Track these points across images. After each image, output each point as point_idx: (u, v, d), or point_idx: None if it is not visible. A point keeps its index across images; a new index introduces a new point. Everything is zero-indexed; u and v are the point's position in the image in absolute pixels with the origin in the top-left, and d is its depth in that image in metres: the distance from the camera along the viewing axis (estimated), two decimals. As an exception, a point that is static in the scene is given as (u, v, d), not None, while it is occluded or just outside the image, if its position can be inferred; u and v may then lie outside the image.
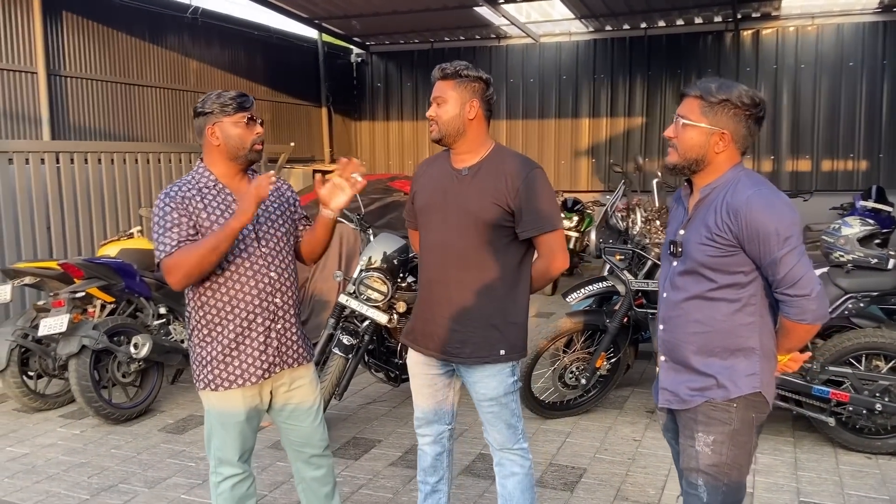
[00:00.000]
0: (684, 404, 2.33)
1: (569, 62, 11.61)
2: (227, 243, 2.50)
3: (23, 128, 7.21)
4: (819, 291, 2.15)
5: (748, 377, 2.24)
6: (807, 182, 10.58)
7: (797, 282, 2.13)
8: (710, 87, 2.19)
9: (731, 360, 2.25)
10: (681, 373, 2.34)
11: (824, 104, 10.52)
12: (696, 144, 2.22)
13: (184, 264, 2.50)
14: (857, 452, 4.17)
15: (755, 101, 2.19)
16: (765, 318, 2.26)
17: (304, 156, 11.46)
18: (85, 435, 4.67)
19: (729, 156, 2.24)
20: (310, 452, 2.91)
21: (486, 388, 2.76)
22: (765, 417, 2.32)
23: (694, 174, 2.29)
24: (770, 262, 2.14)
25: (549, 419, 4.78)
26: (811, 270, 2.15)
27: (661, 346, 2.41)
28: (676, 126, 2.27)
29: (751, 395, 2.24)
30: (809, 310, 2.15)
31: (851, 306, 4.10)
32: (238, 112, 2.61)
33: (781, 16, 10.55)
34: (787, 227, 2.11)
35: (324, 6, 10.22)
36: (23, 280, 5.04)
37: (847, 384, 4.10)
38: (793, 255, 2.12)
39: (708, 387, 2.27)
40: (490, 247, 2.68)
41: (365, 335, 4.43)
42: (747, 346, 2.24)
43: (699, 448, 2.28)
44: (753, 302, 2.23)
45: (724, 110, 2.18)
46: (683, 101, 2.27)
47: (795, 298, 2.15)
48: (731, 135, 2.21)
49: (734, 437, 2.26)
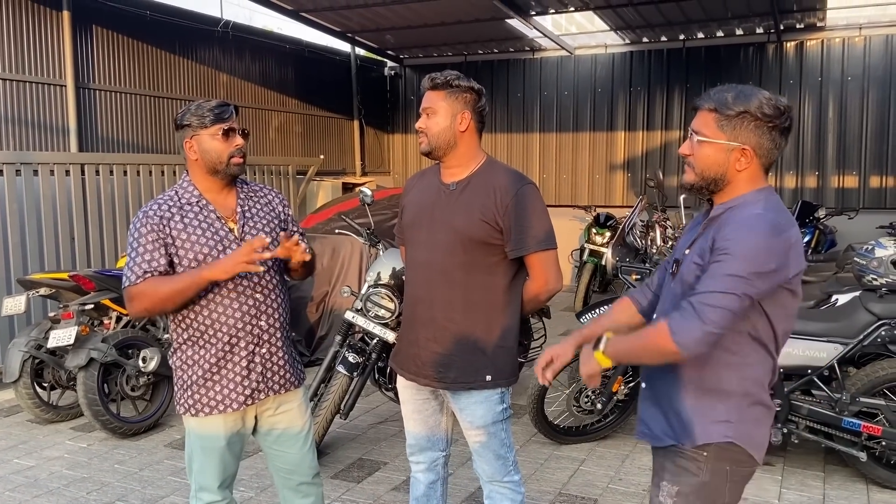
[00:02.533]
0: (656, 441, 2.09)
1: (604, 75, 11.39)
2: (195, 290, 2.43)
3: (51, 139, 7.32)
4: (709, 336, 1.83)
5: (718, 423, 1.97)
6: (853, 199, 10.15)
7: (707, 305, 1.83)
8: (725, 97, 1.93)
9: (704, 401, 1.99)
10: (656, 406, 2.10)
11: (872, 118, 10.10)
12: (715, 162, 1.96)
13: (147, 298, 2.43)
14: (891, 490, 3.88)
15: (779, 110, 1.92)
16: (751, 359, 1.96)
17: (336, 168, 11.46)
18: (91, 449, 4.64)
19: (752, 173, 1.96)
20: (298, 480, 2.78)
21: (472, 415, 2.61)
22: (746, 473, 2.03)
23: (713, 194, 2.02)
24: (707, 272, 1.87)
25: (563, 445, 4.59)
26: (729, 311, 1.82)
27: (643, 372, 2.20)
28: (691, 142, 2.01)
29: (725, 445, 1.97)
30: (689, 334, 1.83)
31: (885, 333, 3.82)
32: (215, 124, 2.50)
33: (827, 27, 10.17)
34: (748, 251, 1.82)
35: (357, 20, 10.23)
36: (38, 291, 5.05)
37: (880, 417, 3.82)
38: (728, 281, 1.82)
39: (676, 427, 2.02)
40: (477, 265, 2.54)
41: (373, 353, 4.30)
42: (722, 389, 1.97)
43: (662, 499, 2.04)
44: (736, 340, 1.93)
45: (743, 123, 1.92)
46: (697, 115, 2.01)
47: (689, 313, 1.84)
48: (754, 149, 1.93)
49: (701, 491, 1.99)
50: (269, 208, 2.70)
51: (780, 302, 1.92)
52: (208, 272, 2.40)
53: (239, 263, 2.37)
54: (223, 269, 2.39)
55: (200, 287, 2.44)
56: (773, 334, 1.95)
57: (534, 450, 4.53)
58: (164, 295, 2.41)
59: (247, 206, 2.63)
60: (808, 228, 8.27)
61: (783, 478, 4.08)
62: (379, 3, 9.14)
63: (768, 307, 1.91)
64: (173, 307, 2.47)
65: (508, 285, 2.58)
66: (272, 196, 2.75)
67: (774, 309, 1.92)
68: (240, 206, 2.61)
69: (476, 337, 2.55)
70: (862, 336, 3.86)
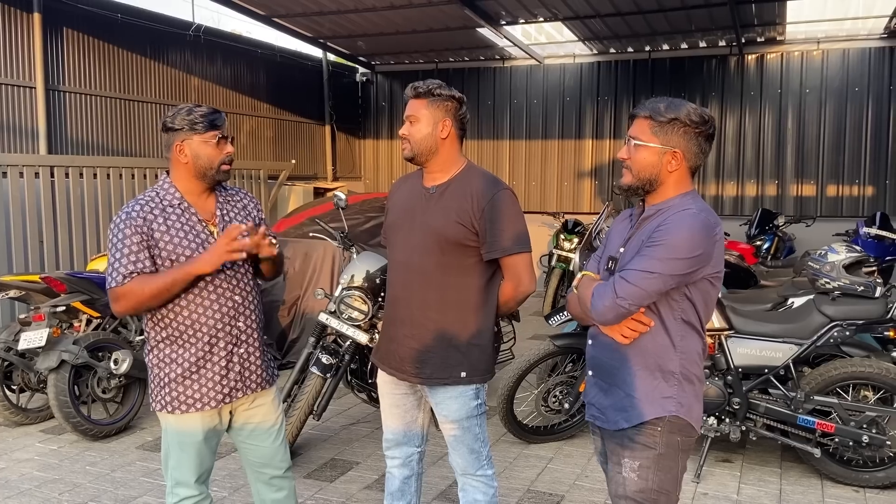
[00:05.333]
0: (610, 424, 2.31)
1: (572, 84, 11.59)
2: (181, 286, 2.49)
3: (20, 142, 7.25)
4: (618, 308, 2.12)
5: (665, 399, 2.22)
6: (811, 207, 10.46)
7: (625, 280, 2.11)
8: (658, 106, 2.19)
9: (650, 382, 2.23)
10: (606, 392, 2.32)
11: (829, 129, 10.42)
12: (649, 164, 2.21)
13: (133, 296, 2.47)
14: (844, 485, 4.06)
15: (704, 119, 2.19)
16: (686, 341, 2.23)
17: (307, 173, 11.48)
18: (62, 451, 4.63)
19: (681, 175, 2.23)
20: (270, 474, 2.85)
21: (447, 409, 2.71)
22: (692, 443, 2.29)
23: (647, 194, 2.28)
24: (639, 253, 2.14)
25: (532, 444, 4.70)
26: (642, 290, 2.10)
27: (589, 361, 2.41)
28: (629, 147, 2.26)
29: (673, 419, 2.22)
30: (601, 301, 2.14)
31: (837, 334, 4.00)
32: (209, 130, 2.55)
33: (786, 40, 10.48)
34: (679, 241, 2.09)
35: (329, 27, 10.28)
36: (7, 293, 5.03)
37: (834, 415, 4.00)
38: (649, 262, 2.10)
39: (628, 407, 2.25)
40: (454, 266, 2.64)
41: (346, 355, 4.37)
42: (667, 369, 2.22)
43: (626, 474, 2.26)
44: (677, 325, 2.21)
45: (674, 129, 2.18)
46: (634, 122, 2.26)
47: (609, 285, 2.14)
48: (683, 153, 2.20)
49: (660, 462, 2.23)
50: (245, 212, 2.76)
51: (704, 290, 2.20)
52: (194, 266, 2.46)
53: (223, 253, 2.44)
54: (208, 262, 2.46)
55: (186, 282, 2.49)
56: (699, 318, 2.23)
57: (503, 448, 4.63)
58: (151, 292, 2.46)
59: (225, 209, 2.69)
60: (767, 235, 8.52)
61: (742, 473, 4.24)
62: (351, 10, 9.22)
63: (695, 296, 2.18)
64: (158, 304, 2.52)
65: (484, 286, 2.68)
66: (247, 200, 2.81)
67: (699, 296, 2.20)
68: (219, 210, 2.67)
69: (452, 335, 2.65)
70: (816, 337, 4.04)
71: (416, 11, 9.23)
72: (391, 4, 8.90)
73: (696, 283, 2.17)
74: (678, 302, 2.18)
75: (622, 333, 2.22)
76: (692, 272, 2.12)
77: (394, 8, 9.03)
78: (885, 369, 3.90)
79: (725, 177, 10.89)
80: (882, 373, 3.90)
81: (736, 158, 10.82)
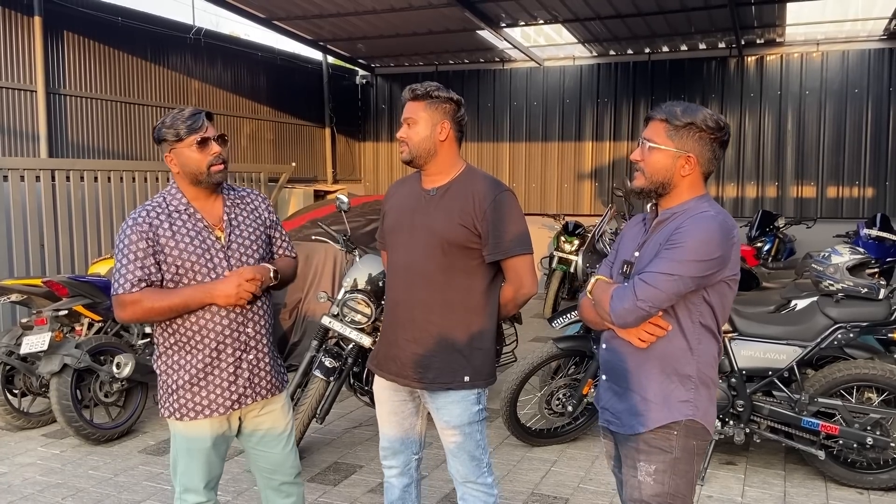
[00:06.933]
0: (625, 428, 2.30)
1: (572, 86, 11.60)
2: (193, 309, 2.52)
3: (21, 145, 7.25)
4: (638, 311, 2.11)
5: (682, 403, 2.21)
6: (811, 209, 10.47)
7: (645, 283, 2.10)
8: (675, 110, 2.20)
9: (667, 385, 2.22)
10: (621, 396, 2.31)
11: (829, 131, 10.44)
12: (663, 167, 2.21)
13: (141, 307, 2.48)
14: (848, 487, 4.06)
15: (720, 125, 2.20)
16: (703, 345, 2.22)
17: (307, 176, 11.47)
18: (64, 455, 4.62)
19: (694, 180, 2.23)
20: (280, 480, 2.83)
21: (449, 415, 2.69)
22: (706, 446, 2.29)
23: (660, 197, 2.27)
24: (658, 255, 2.13)
25: (535, 447, 4.69)
26: (662, 292, 2.09)
27: (603, 366, 2.40)
28: (643, 149, 2.26)
29: (689, 423, 2.21)
30: (621, 304, 2.13)
31: (841, 336, 4.00)
32: (189, 135, 2.51)
33: (786, 42, 10.50)
34: (699, 243, 2.09)
35: (329, 29, 10.29)
36: (9, 297, 5.02)
37: (837, 417, 4.00)
38: (668, 264, 2.09)
39: (644, 411, 2.24)
40: (456, 269, 2.63)
41: (349, 358, 4.37)
42: (683, 373, 2.21)
43: (641, 478, 2.25)
44: (695, 329, 2.20)
45: (689, 133, 2.19)
46: (649, 125, 2.26)
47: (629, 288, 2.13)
48: (697, 158, 2.20)
49: (675, 466, 2.23)
50: (255, 215, 2.73)
51: (722, 293, 2.20)
52: (209, 296, 2.50)
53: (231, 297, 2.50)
54: (223, 298, 2.51)
55: (199, 307, 2.52)
56: (716, 322, 2.22)
57: (507, 452, 4.63)
58: (161, 309, 2.48)
59: (233, 213, 2.67)
60: (768, 237, 8.52)
61: (746, 476, 4.23)
62: (351, 12, 9.22)
63: (713, 299, 2.18)
64: (161, 319, 2.54)
65: (486, 288, 2.67)
66: (259, 202, 2.78)
67: (717, 300, 2.20)
68: (226, 215, 2.64)
69: (455, 338, 2.64)
70: (819, 339, 4.04)
71: (415, 14, 9.24)
72: (391, 7, 8.91)
73: (714, 286, 2.17)
74: (696, 305, 2.18)
75: (640, 337, 2.20)
76: (711, 274, 2.13)
77: (394, 10, 9.04)
78: (889, 371, 3.90)
79: (725, 178, 10.91)
80: (886, 375, 3.90)
81: (736, 160, 10.83)
